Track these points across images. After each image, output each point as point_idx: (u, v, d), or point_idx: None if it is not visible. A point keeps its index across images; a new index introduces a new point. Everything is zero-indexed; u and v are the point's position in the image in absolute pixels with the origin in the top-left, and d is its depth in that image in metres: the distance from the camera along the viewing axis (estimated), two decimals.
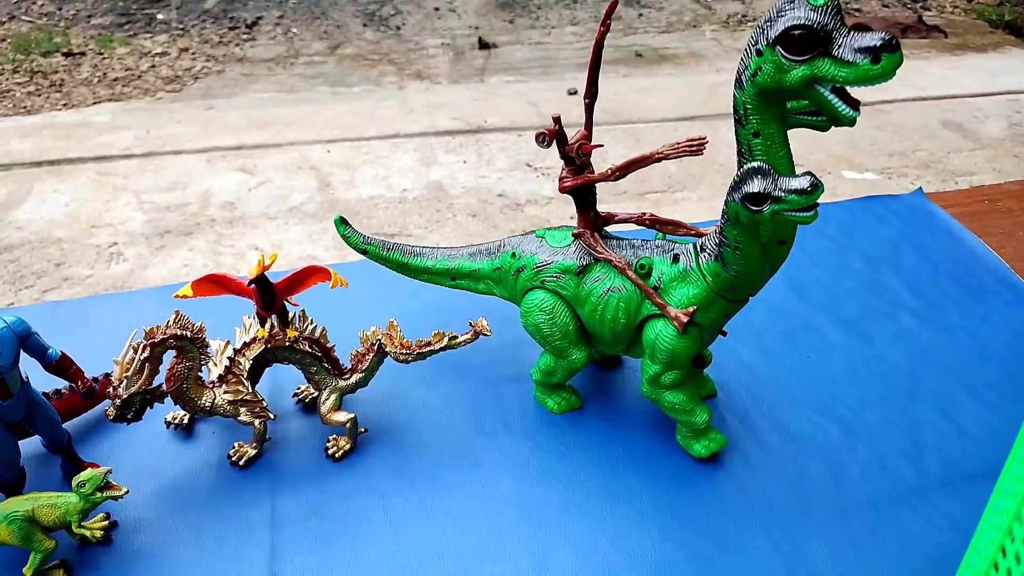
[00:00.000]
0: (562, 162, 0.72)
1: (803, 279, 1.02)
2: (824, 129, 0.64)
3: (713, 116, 2.89)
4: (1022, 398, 0.84)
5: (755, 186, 0.56)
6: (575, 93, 3.09)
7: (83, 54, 3.74)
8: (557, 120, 0.69)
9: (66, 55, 3.71)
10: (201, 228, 2.26)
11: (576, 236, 0.73)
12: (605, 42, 0.66)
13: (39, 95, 3.30)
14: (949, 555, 0.66)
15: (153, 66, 3.63)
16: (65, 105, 3.20)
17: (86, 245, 2.18)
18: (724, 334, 0.75)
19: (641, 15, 4.08)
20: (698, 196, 2.40)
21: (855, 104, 0.56)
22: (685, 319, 0.67)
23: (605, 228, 0.76)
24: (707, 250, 0.67)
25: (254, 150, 2.74)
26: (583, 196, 0.72)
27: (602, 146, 0.71)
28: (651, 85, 3.27)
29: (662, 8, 4.15)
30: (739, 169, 0.61)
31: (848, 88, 0.56)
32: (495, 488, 0.75)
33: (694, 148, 0.62)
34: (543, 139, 0.69)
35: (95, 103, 3.22)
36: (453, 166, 2.61)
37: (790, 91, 0.57)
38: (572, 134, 0.72)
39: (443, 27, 3.97)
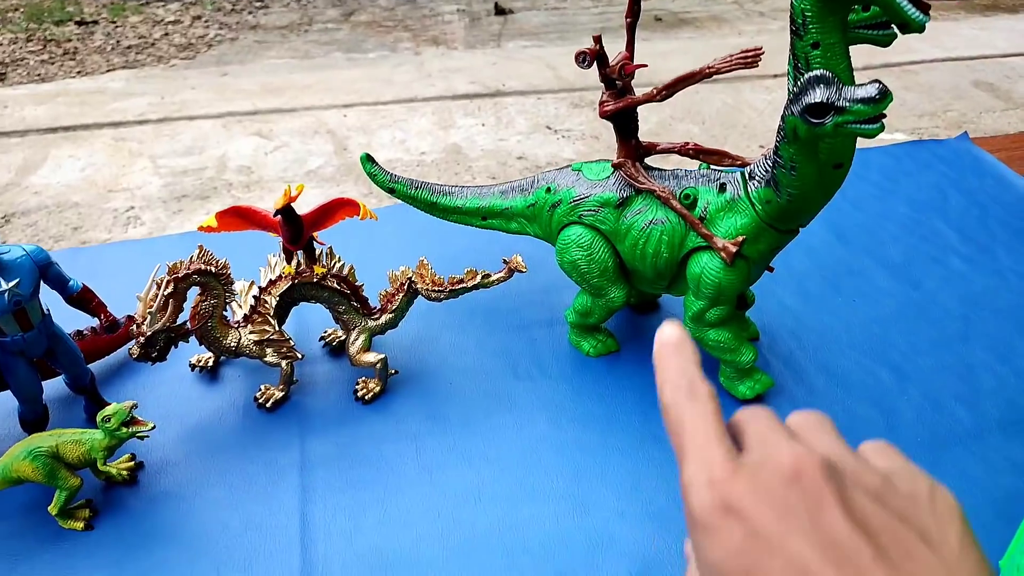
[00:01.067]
0: (601, 87, 0.69)
1: (845, 224, 0.98)
2: (886, 44, 0.60)
3: (735, 79, 2.83)
4: None
5: (817, 95, 0.53)
6: None
7: (96, 22, 3.71)
8: (598, 39, 0.65)
9: (79, 24, 3.68)
10: (218, 192, 2.24)
11: (616, 167, 0.70)
12: (617, 7, 0.62)
13: (52, 63, 3.27)
14: (1013, 497, 0.63)
15: (166, 34, 3.60)
16: (79, 73, 3.18)
17: (103, 209, 2.16)
18: (771, 270, 0.71)
19: None
20: None
21: (925, 7, 0.52)
22: (734, 249, 0.63)
23: (646, 159, 0.72)
24: (756, 177, 0.63)
25: (269, 115, 2.71)
26: (624, 123, 0.69)
27: (646, 66, 0.68)
28: (672, 49, 3.21)
29: None
30: (793, 85, 0.57)
31: None
32: (531, 431, 0.73)
33: (749, 60, 0.58)
34: (584, 59, 0.65)
35: (109, 71, 3.19)
36: (471, 129, 2.57)
37: None
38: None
39: None
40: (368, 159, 0.81)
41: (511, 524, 0.64)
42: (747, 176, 0.64)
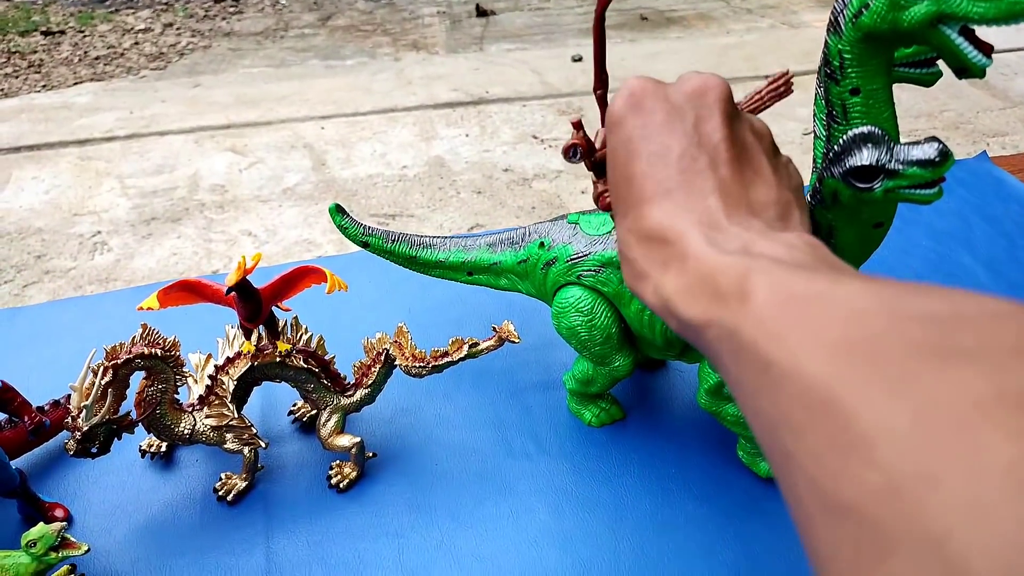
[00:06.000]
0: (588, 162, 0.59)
1: (866, 266, 0.90)
2: (930, 83, 0.52)
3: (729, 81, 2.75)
4: None
5: (865, 157, 0.44)
6: (580, 60, 2.95)
7: (63, 32, 3.59)
8: (578, 125, 0.51)
9: (45, 34, 3.56)
10: (190, 213, 2.14)
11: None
12: (607, 13, 0.52)
13: (17, 76, 3.15)
14: None
15: (136, 43, 3.48)
16: (44, 86, 3.06)
17: (68, 235, 2.06)
18: None
19: None
20: None
21: (988, 49, 0.44)
22: None
23: None
24: None
25: (244, 128, 2.60)
26: None
27: None
28: (659, 50, 3.13)
29: None
30: (824, 136, 0.48)
31: (976, 29, 0.44)
32: (528, 520, 0.64)
33: (781, 90, 0.49)
34: (574, 153, 0.52)
35: (76, 83, 3.07)
36: (455, 140, 2.48)
37: (906, 34, 0.44)
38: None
39: None
40: (338, 210, 0.72)
41: None
42: None
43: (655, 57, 3.01)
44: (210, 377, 0.63)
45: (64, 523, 0.53)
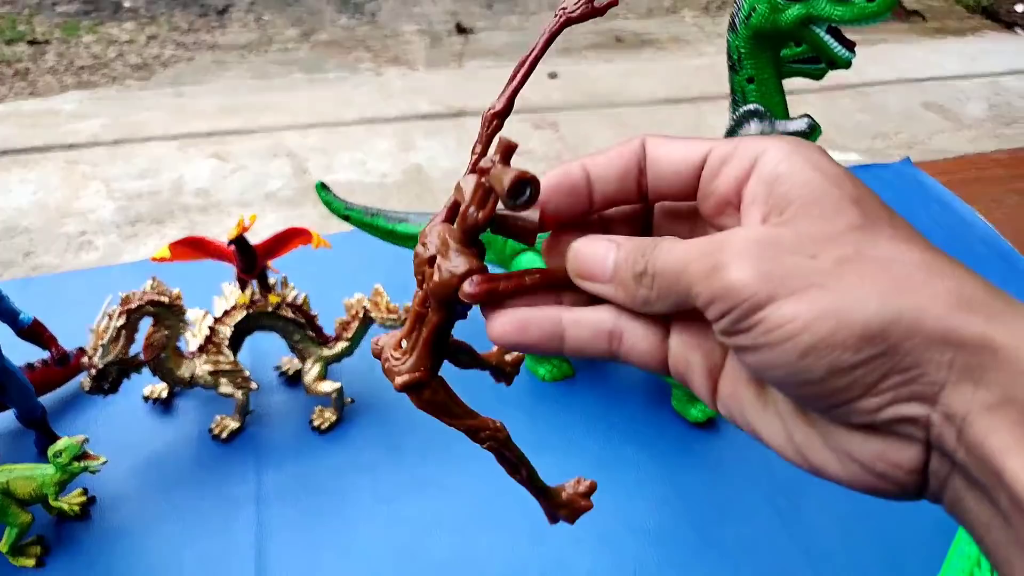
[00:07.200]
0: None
1: None
2: (819, 77, 0.62)
3: (698, 99, 2.89)
4: None
5: (752, 129, 0.55)
6: (555, 76, 3.07)
7: (48, 42, 3.65)
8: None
9: (31, 43, 3.62)
10: (174, 215, 2.21)
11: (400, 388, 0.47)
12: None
13: (3, 84, 3.21)
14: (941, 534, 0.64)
15: (121, 54, 3.56)
16: (31, 94, 3.12)
17: (55, 234, 2.12)
18: None
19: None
20: None
21: (851, 45, 0.55)
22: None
23: None
24: None
25: (227, 136, 2.69)
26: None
27: None
28: (633, 69, 3.26)
29: None
30: (732, 115, 0.59)
31: (843, 29, 0.55)
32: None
33: None
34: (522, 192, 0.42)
35: (62, 91, 3.14)
36: (433, 150, 2.58)
37: (785, 32, 0.55)
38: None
39: (419, 13, 3.92)
40: (323, 187, 0.81)
41: (468, 554, 0.64)
42: None
43: (630, 75, 3.14)
44: (209, 328, 0.71)
45: (86, 437, 0.61)
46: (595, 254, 0.27)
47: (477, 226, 0.27)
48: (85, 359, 0.66)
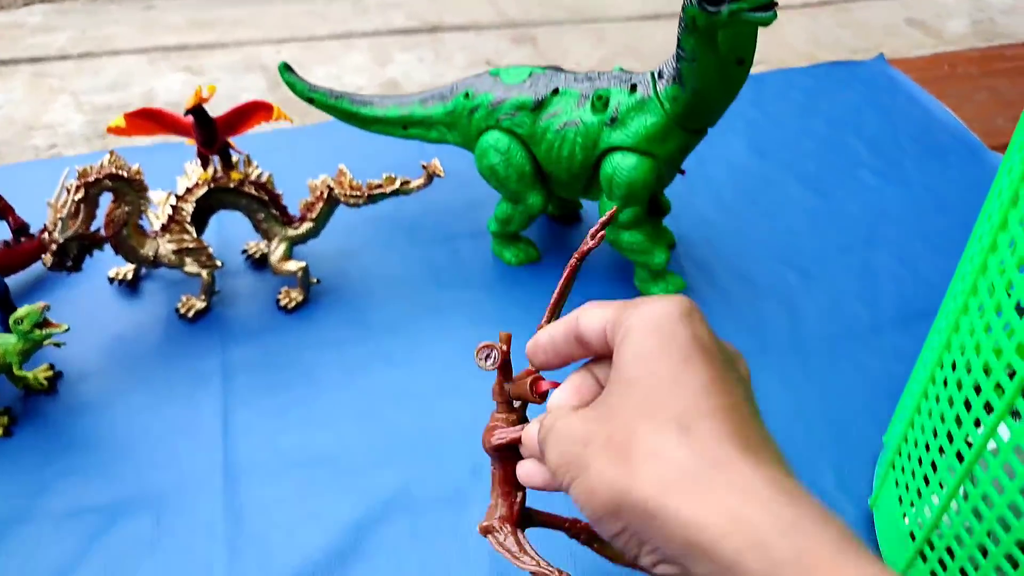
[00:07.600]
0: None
1: (765, 140, 1.01)
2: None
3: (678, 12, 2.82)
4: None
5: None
6: None
7: None
8: (508, 340, 0.47)
9: None
10: None
11: (485, 532, 0.44)
12: None
13: None
14: (896, 381, 0.66)
15: None
16: None
17: (24, 147, 2.07)
18: (682, 172, 0.73)
19: None
20: None
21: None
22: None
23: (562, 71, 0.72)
24: (664, 76, 0.65)
25: (198, 50, 2.61)
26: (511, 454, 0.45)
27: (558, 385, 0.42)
28: None
29: None
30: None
31: None
32: (453, 334, 0.74)
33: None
34: (488, 357, 0.45)
35: (26, 4, 3.03)
36: (408, 64, 2.52)
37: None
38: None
39: None
40: (286, 68, 0.80)
41: (430, 419, 0.66)
42: (656, 76, 0.66)
43: None
44: (171, 206, 0.71)
45: (47, 304, 0.61)
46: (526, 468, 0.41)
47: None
48: (46, 235, 0.66)
